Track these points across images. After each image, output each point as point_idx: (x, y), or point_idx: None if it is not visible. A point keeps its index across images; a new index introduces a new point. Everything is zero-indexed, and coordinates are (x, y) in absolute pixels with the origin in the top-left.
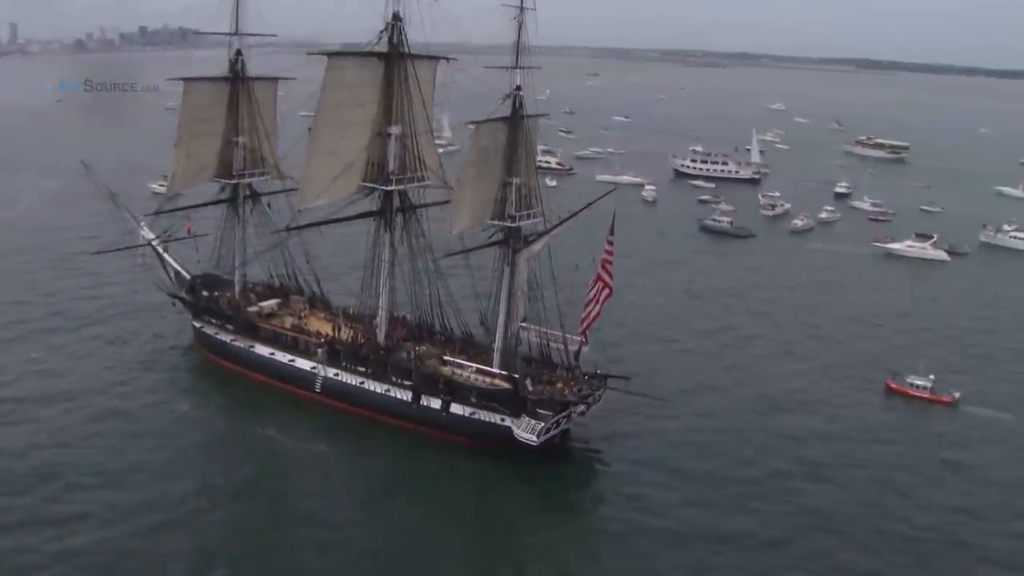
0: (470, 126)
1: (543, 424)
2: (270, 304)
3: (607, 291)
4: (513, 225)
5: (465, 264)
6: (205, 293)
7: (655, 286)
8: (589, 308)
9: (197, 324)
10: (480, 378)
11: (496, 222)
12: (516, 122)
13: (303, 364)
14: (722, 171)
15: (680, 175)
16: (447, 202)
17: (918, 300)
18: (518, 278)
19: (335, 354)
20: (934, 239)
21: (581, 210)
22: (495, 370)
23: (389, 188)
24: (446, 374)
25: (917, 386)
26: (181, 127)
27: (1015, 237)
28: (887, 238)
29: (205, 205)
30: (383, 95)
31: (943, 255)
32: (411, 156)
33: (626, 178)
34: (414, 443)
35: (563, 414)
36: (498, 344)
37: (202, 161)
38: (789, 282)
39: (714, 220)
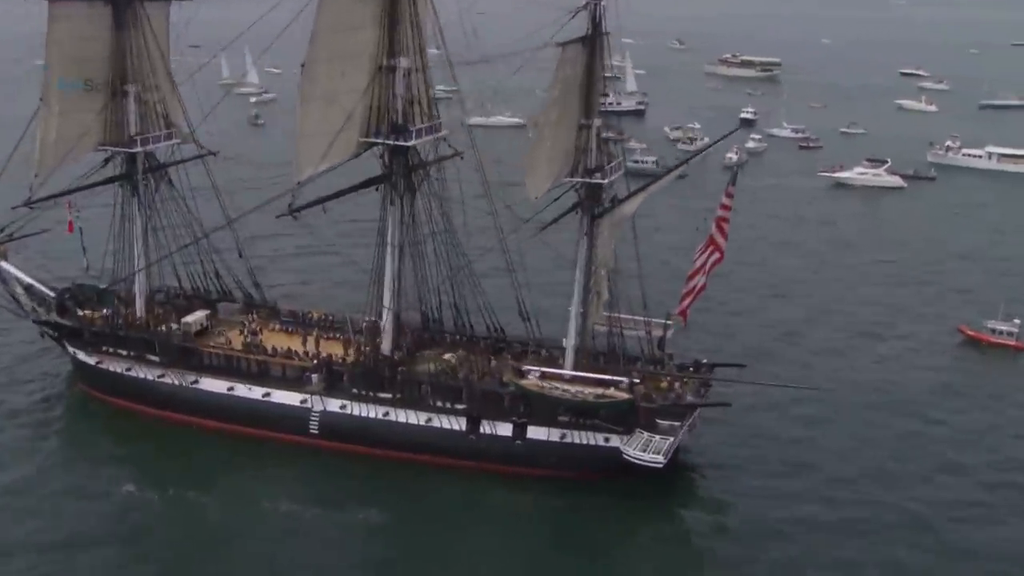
0: (554, 47)
1: (671, 439)
2: (197, 318)
3: (717, 255)
4: (598, 182)
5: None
6: (86, 312)
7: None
8: (694, 280)
9: (86, 358)
10: (579, 389)
11: (578, 179)
12: (595, 43)
13: (285, 398)
14: (602, 102)
15: None
16: (456, 155)
17: (916, 231)
18: (600, 251)
19: (335, 380)
20: (887, 164)
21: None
22: (602, 376)
23: (402, 143)
24: (532, 388)
25: (1000, 332)
26: (50, 72)
27: (968, 155)
28: (836, 167)
29: (92, 187)
30: (385, 13)
31: (899, 181)
32: (420, 99)
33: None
34: (475, 487)
35: (688, 422)
36: (572, 340)
37: (82, 123)
38: (773, 228)
39: (637, 161)
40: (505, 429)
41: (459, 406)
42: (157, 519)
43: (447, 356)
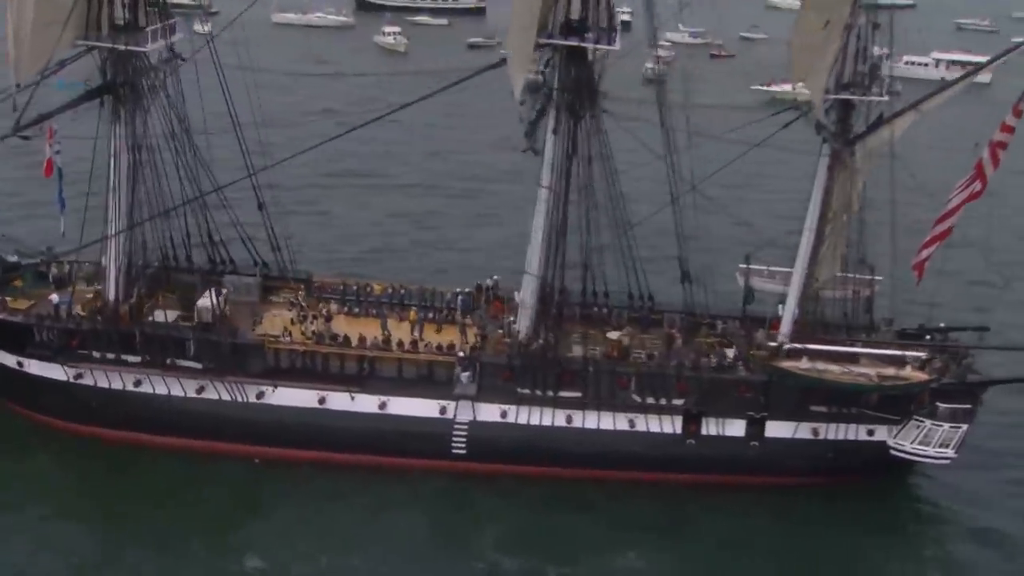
0: None
1: (961, 427)
2: (209, 302)
3: (979, 187)
4: (855, 98)
5: None
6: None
7: None
8: (944, 223)
9: (45, 371)
10: (862, 371)
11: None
12: None
13: (413, 409)
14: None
15: (368, 5)
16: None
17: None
18: (844, 190)
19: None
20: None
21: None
22: (895, 352)
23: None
24: (808, 373)
25: None
26: None
27: (912, 63)
28: (774, 80)
29: (72, 107)
30: None
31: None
32: None
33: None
34: (692, 509)
35: (976, 404)
36: (791, 308)
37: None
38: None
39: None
40: (736, 428)
41: (676, 402)
42: None
43: (612, 335)
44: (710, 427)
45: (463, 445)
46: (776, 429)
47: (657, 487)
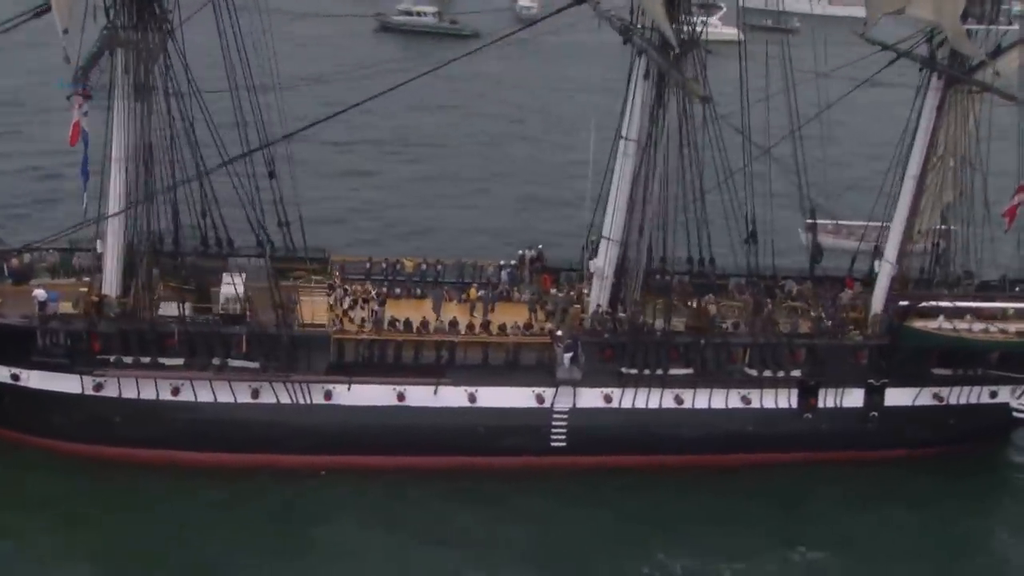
0: None
1: None
2: (233, 290)
3: None
4: (980, 27)
5: None
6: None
7: None
8: None
9: (47, 383)
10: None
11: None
12: None
13: (505, 399)
14: None
15: None
16: None
17: None
18: (953, 131)
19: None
20: (721, 10)
21: None
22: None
23: None
24: (961, 335)
25: None
26: None
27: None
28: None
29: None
30: None
31: (734, 32)
32: None
33: None
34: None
35: None
36: (890, 262)
37: None
38: None
39: (408, 12)
40: (854, 398)
41: (794, 373)
42: None
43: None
44: (828, 399)
45: (563, 437)
46: (896, 397)
47: (770, 470)
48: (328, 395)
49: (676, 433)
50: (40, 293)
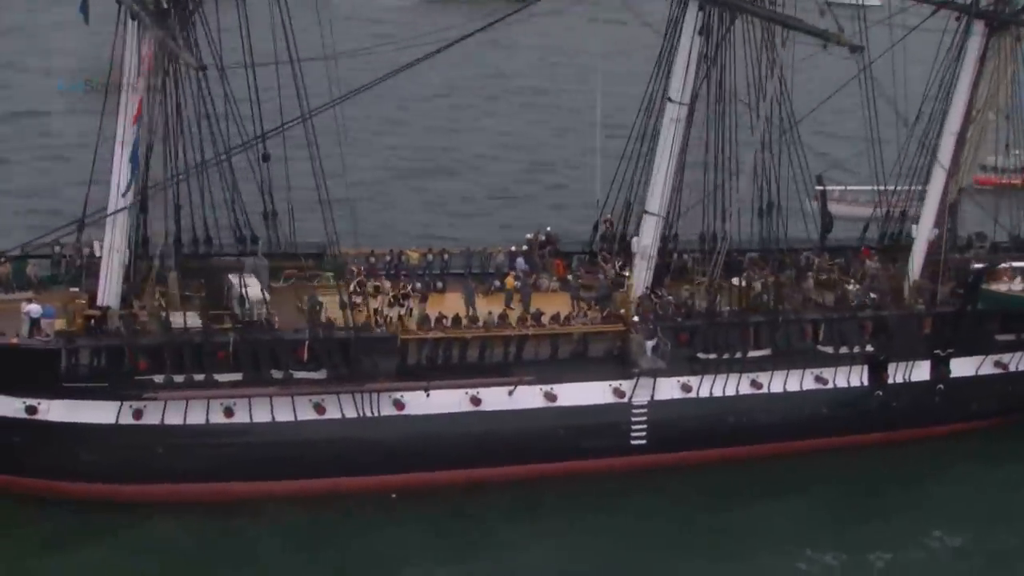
0: None
1: None
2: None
3: None
4: None
5: None
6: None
7: None
8: None
9: (71, 414)
10: None
11: None
12: None
13: (585, 396)
14: None
15: None
16: None
17: None
18: (993, 84)
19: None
20: None
21: None
22: None
23: None
24: None
25: None
26: None
27: None
28: None
29: None
30: None
31: None
32: None
33: None
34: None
35: None
36: (927, 224)
37: None
38: None
39: None
40: (922, 371)
41: (863, 348)
42: None
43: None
44: (897, 374)
45: (643, 433)
46: (962, 367)
47: (845, 452)
48: (399, 404)
49: (758, 421)
50: (34, 309)
